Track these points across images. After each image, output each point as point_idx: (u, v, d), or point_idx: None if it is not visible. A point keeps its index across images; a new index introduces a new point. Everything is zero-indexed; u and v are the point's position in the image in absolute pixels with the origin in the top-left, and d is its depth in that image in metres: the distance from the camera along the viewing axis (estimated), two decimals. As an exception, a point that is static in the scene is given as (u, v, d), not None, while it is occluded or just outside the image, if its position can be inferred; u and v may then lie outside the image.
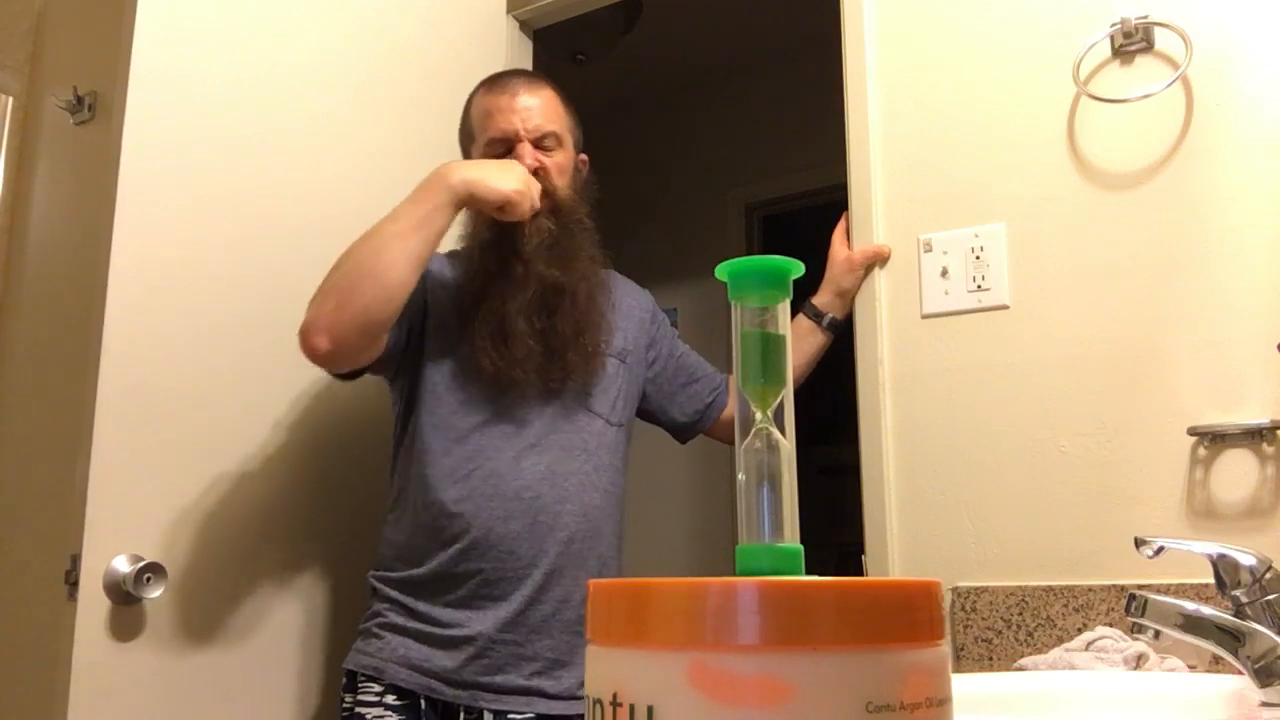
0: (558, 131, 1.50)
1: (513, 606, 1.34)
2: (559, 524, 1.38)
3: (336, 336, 1.30)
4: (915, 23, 1.66)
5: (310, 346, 1.31)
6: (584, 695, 1.30)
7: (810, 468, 4.08)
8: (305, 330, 1.31)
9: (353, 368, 1.37)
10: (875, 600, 0.39)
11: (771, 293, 0.50)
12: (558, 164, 1.48)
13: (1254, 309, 1.34)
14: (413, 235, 1.31)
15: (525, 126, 1.46)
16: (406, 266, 1.31)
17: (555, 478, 1.40)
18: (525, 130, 1.46)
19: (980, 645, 1.42)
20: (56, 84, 1.64)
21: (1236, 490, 1.33)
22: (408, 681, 1.32)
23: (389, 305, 1.31)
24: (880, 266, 1.62)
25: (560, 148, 1.50)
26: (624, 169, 3.38)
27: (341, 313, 1.29)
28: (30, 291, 1.64)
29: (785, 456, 0.49)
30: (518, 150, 1.45)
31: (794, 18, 3.14)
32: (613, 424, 1.49)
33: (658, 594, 0.39)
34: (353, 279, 1.30)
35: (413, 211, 1.33)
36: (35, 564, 1.40)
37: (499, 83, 1.53)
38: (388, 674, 1.33)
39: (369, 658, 1.35)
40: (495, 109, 1.48)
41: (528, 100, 1.48)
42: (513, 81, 1.52)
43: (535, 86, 1.51)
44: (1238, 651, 0.89)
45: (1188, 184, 1.41)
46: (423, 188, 1.35)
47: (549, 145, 1.48)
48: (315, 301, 1.32)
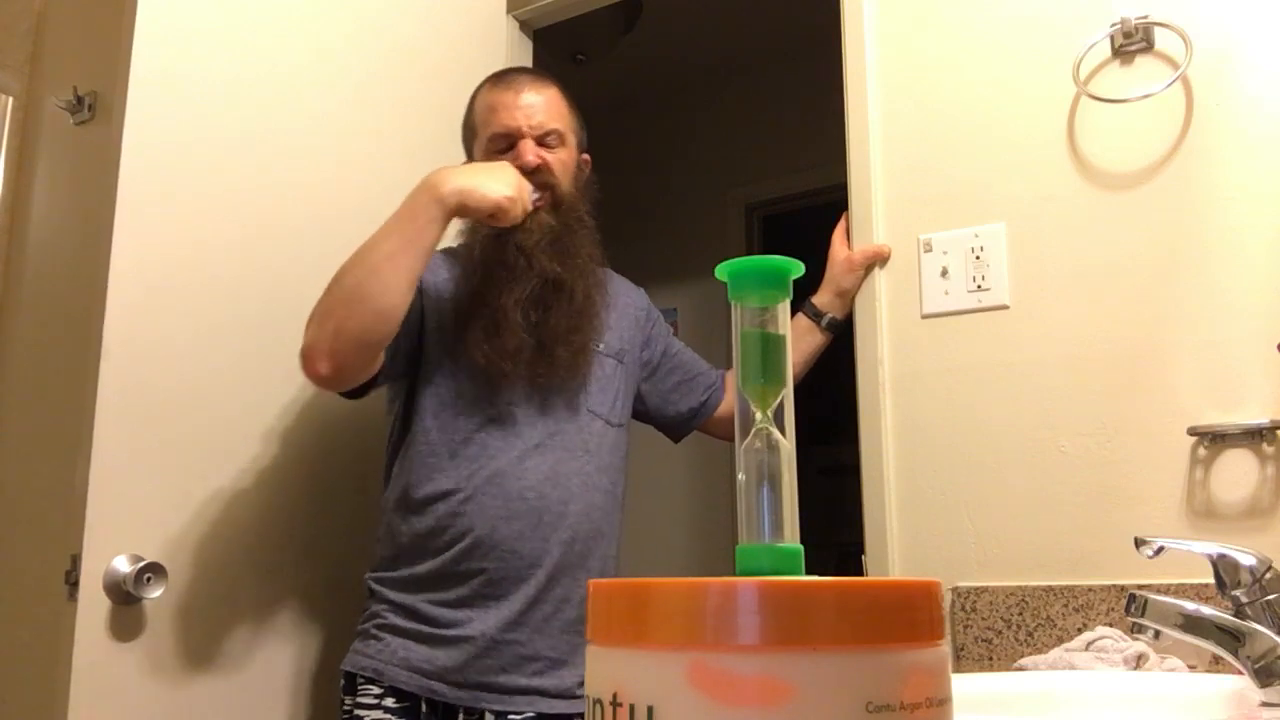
0: (561, 129, 1.50)
1: (515, 606, 1.34)
2: (562, 524, 1.39)
3: (337, 361, 1.31)
4: (915, 23, 1.66)
5: (312, 371, 1.32)
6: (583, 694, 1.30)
7: (810, 468, 4.08)
8: (306, 354, 1.32)
9: (354, 386, 1.37)
10: (875, 600, 0.39)
11: (771, 293, 0.49)
12: (560, 161, 1.48)
13: (1254, 309, 1.34)
14: (405, 255, 1.31)
15: (529, 123, 1.46)
16: (401, 287, 1.31)
17: (559, 478, 1.40)
18: (529, 127, 1.46)
19: (980, 645, 1.42)
20: (56, 84, 1.64)
21: (1236, 490, 1.33)
22: (408, 684, 1.32)
23: (386, 326, 1.32)
24: (880, 266, 1.62)
25: (563, 145, 1.50)
26: (624, 169, 3.38)
27: (340, 339, 1.30)
28: (30, 291, 1.64)
29: (785, 456, 0.49)
30: (520, 146, 1.45)
31: (794, 18, 3.14)
32: (613, 424, 1.50)
33: (658, 594, 0.39)
34: (349, 303, 1.30)
35: (404, 229, 1.32)
36: (35, 564, 1.40)
37: (504, 79, 1.53)
38: (387, 676, 1.33)
39: (368, 659, 1.35)
40: (499, 105, 1.48)
41: (532, 97, 1.48)
42: (518, 78, 1.53)
43: (540, 84, 1.51)
44: (1238, 651, 0.89)
45: (1188, 184, 1.41)
46: (413, 200, 1.34)
47: (551, 143, 1.48)
48: (313, 324, 1.33)
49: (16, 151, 1.73)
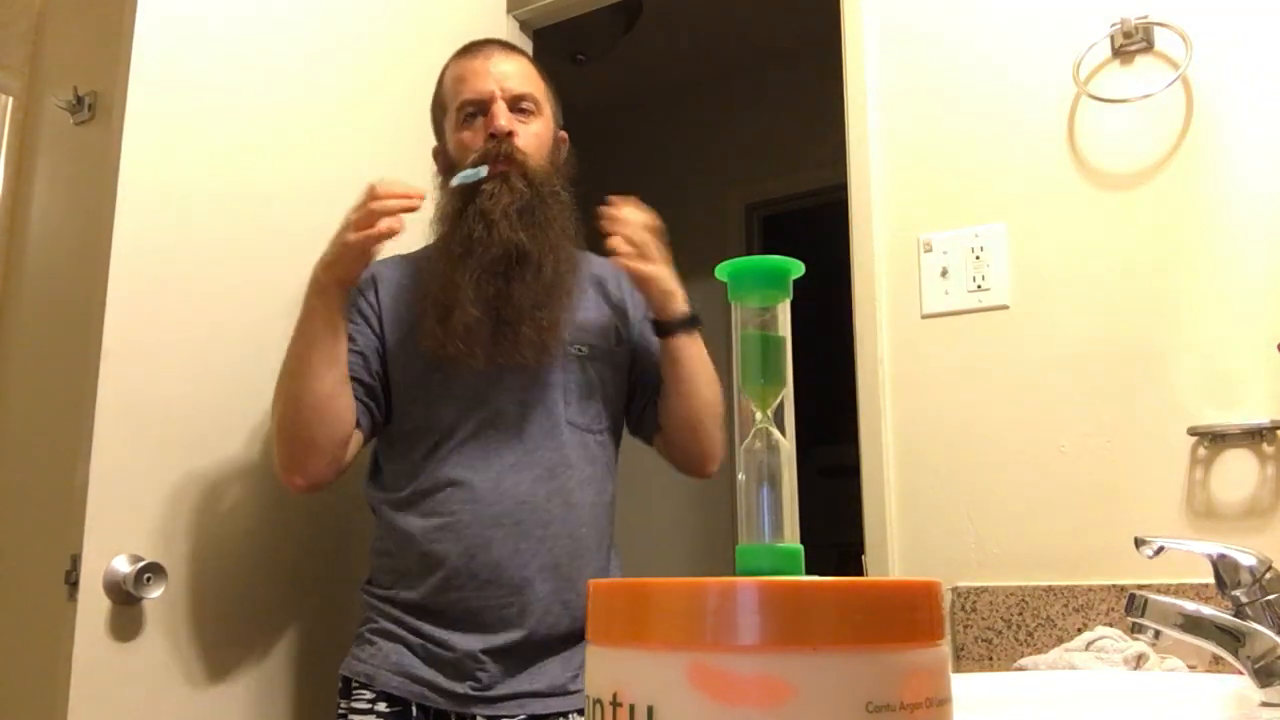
0: (535, 97, 1.40)
1: (502, 639, 1.28)
2: (543, 549, 1.30)
3: (308, 471, 1.32)
4: (916, 23, 1.66)
5: (292, 486, 1.34)
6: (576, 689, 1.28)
7: (810, 468, 4.08)
8: (280, 474, 1.33)
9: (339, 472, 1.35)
10: (875, 600, 0.39)
11: (771, 293, 0.49)
12: (534, 134, 1.38)
13: (1254, 309, 1.34)
14: (314, 354, 1.29)
15: (501, 86, 1.37)
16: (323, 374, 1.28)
17: (537, 500, 1.31)
18: (501, 89, 1.37)
19: (980, 645, 1.42)
20: (56, 84, 1.64)
21: (1236, 490, 1.33)
22: (399, 689, 1.29)
23: (341, 426, 1.31)
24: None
25: (538, 115, 1.40)
26: (624, 169, 3.38)
27: (297, 447, 1.30)
28: (30, 291, 1.64)
29: (785, 456, 0.49)
30: (492, 110, 1.35)
31: (794, 18, 3.14)
32: (595, 431, 1.39)
33: (658, 594, 0.39)
34: (295, 423, 1.30)
35: (300, 328, 1.30)
36: (35, 564, 1.40)
37: (472, 48, 1.44)
38: (379, 681, 1.30)
39: (362, 664, 1.33)
40: (469, 72, 1.39)
41: (504, 64, 1.40)
42: (487, 46, 1.44)
43: (512, 52, 1.44)
44: (1238, 651, 0.89)
45: (1188, 184, 1.41)
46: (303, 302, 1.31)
47: (527, 108, 1.39)
48: (276, 445, 1.33)
49: (16, 151, 1.73)
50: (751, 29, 3.37)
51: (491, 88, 1.37)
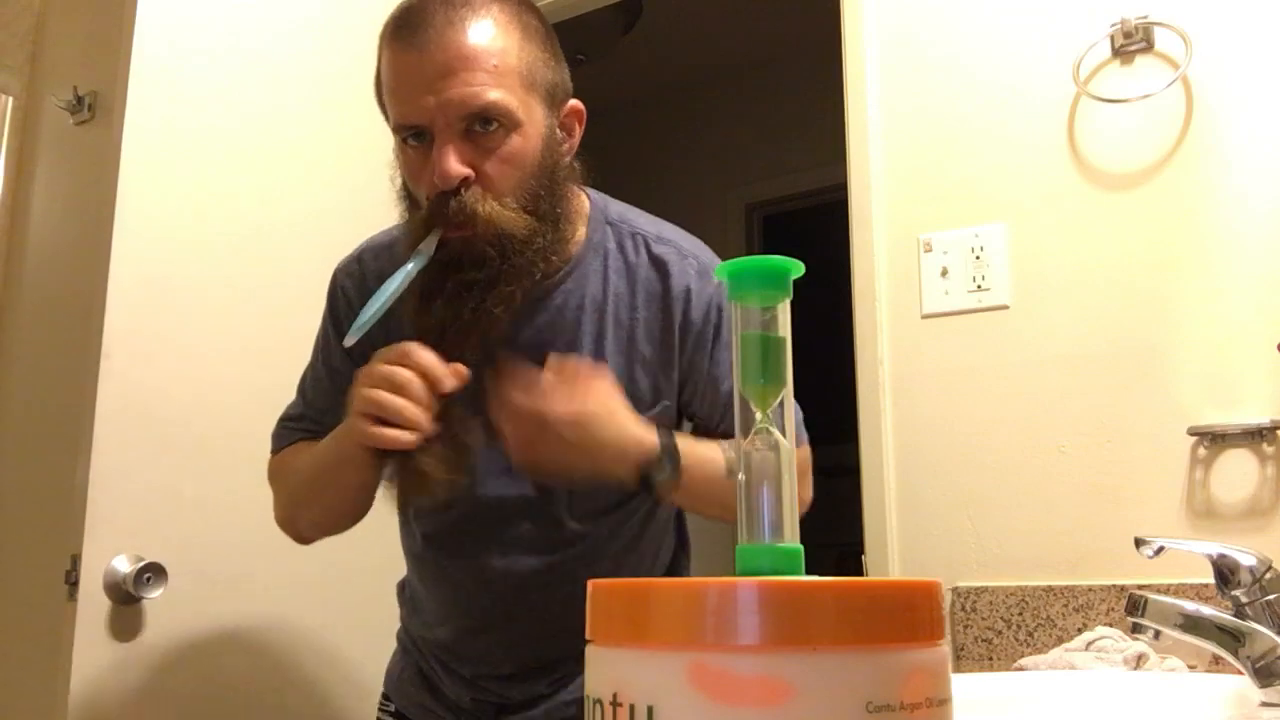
0: (502, 101, 0.96)
1: (505, 699, 1.19)
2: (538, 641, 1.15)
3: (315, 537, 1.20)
4: (916, 23, 1.65)
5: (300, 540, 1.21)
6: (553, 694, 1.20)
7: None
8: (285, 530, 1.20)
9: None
10: (875, 600, 0.39)
11: (772, 293, 0.49)
12: (509, 154, 0.98)
13: (1254, 309, 1.34)
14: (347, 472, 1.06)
15: (443, 104, 0.95)
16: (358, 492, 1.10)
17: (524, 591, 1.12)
18: (444, 114, 0.95)
19: (980, 645, 1.42)
20: (56, 84, 1.64)
21: (1236, 490, 1.33)
22: (415, 715, 1.24)
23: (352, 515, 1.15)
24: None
25: (508, 126, 0.98)
26: (624, 169, 3.38)
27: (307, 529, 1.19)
28: (30, 292, 1.64)
29: (785, 456, 0.49)
30: (435, 155, 0.96)
31: (795, 18, 3.14)
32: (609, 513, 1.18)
33: (658, 594, 0.39)
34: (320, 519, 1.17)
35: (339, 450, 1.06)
36: (35, 564, 1.40)
37: (406, 27, 0.99)
38: (396, 701, 1.26)
39: (389, 676, 1.29)
40: (402, 79, 0.99)
41: (446, 57, 0.95)
42: (424, 25, 0.97)
43: (461, 24, 0.96)
44: (1238, 651, 0.89)
45: (1188, 184, 1.41)
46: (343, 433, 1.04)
47: (488, 128, 0.97)
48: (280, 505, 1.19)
49: (16, 151, 1.73)
50: (751, 29, 3.37)
51: (430, 113, 0.96)
